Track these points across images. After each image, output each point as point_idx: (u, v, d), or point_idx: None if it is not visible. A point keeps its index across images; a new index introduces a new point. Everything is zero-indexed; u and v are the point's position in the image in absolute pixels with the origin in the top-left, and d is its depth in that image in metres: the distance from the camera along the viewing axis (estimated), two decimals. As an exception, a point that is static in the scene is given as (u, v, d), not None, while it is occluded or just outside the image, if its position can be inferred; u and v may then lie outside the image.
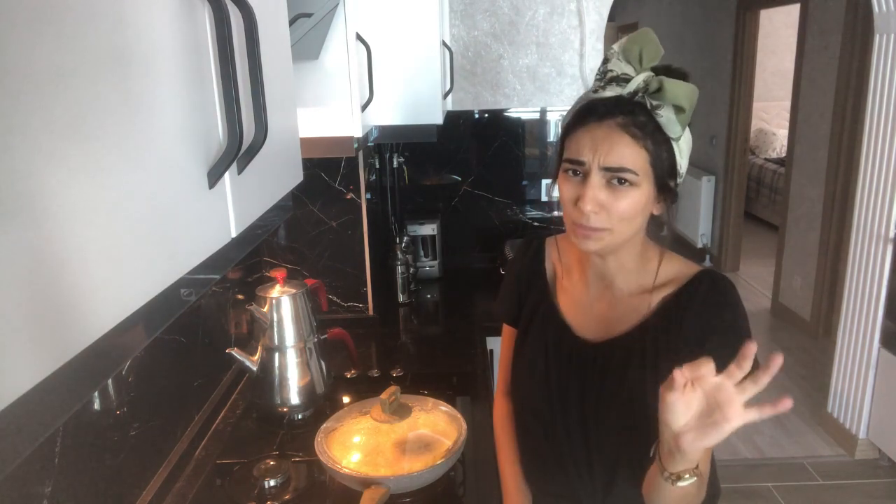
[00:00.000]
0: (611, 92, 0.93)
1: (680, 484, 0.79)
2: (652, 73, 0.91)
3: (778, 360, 0.69)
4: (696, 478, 0.80)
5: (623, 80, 0.92)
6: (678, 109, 0.90)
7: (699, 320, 0.94)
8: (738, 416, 0.70)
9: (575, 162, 0.93)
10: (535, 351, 1.09)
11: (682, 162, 0.95)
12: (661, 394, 0.75)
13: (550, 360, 1.07)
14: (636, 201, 0.91)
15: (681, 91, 0.89)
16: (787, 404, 0.68)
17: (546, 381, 1.07)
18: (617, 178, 0.90)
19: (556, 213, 2.78)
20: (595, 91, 0.95)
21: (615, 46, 0.93)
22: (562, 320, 1.08)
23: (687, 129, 0.94)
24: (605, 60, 0.94)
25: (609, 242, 0.94)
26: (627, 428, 1.00)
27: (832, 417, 3.06)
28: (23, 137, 0.34)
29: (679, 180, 0.96)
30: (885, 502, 2.66)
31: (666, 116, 0.90)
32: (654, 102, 0.90)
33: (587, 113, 0.93)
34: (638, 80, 0.91)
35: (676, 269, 1.01)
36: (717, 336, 0.93)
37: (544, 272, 1.14)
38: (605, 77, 0.94)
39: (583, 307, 1.07)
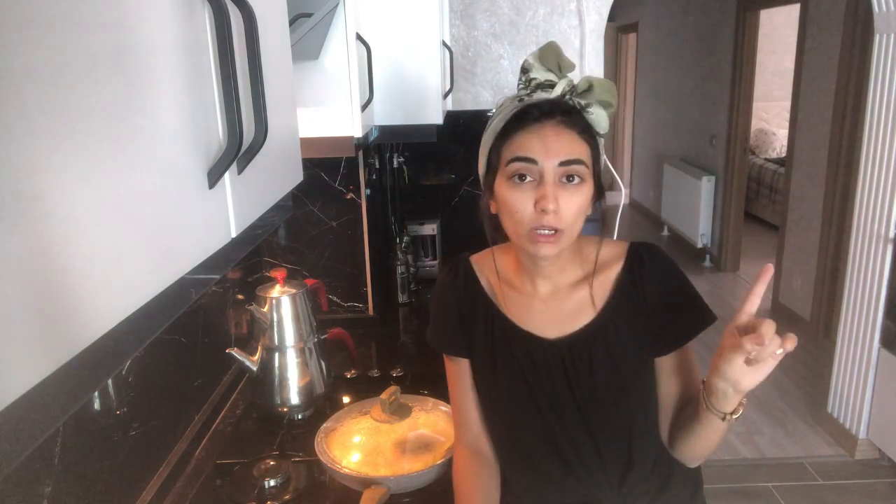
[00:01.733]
0: (538, 97, 0.95)
1: (735, 417, 0.89)
2: (571, 79, 0.96)
3: (769, 269, 0.83)
4: (743, 406, 0.90)
5: (548, 85, 0.96)
6: (606, 105, 0.96)
7: (659, 286, 1.01)
8: (776, 344, 0.79)
9: (526, 160, 0.92)
10: (510, 373, 1.05)
11: (603, 159, 1.01)
12: (723, 354, 0.83)
13: (528, 374, 1.03)
14: (586, 198, 0.94)
15: (607, 87, 0.95)
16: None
17: (532, 397, 1.03)
18: (567, 175, 0.92)
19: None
20: (521, 99, 0.96)
21: (530, 58, 0.97)
22: (523, 331, 1.05)
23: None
24: (525, 70, 0.97)
25: (563, 244, 0.94)
26: (628, 404, 1.01)
27: (832, 417, 3.06)
28: (23, 138, 0.34)
29: (602, 179, 1.00)
30: (885, 502, 2.66)
31: (596, 113, 0.96)
32: (583, 102, 0.95)
33: (522, 116, 0.94)
34: (563, 84, 0.95)
35: (611, 250, 1.05)
36: (677, 293, 1.02)
37: (483, 292, 1.10)
38: (530, 84, 0.96)
39: (537, 311, 1.05)
